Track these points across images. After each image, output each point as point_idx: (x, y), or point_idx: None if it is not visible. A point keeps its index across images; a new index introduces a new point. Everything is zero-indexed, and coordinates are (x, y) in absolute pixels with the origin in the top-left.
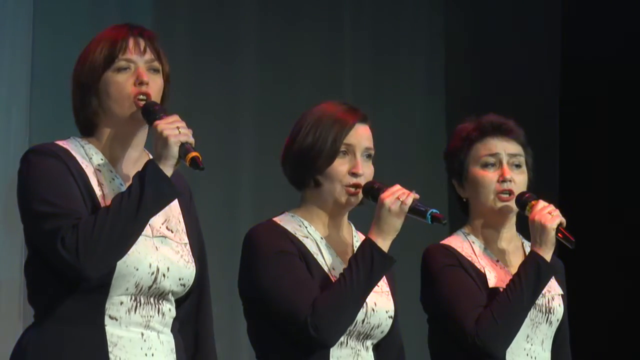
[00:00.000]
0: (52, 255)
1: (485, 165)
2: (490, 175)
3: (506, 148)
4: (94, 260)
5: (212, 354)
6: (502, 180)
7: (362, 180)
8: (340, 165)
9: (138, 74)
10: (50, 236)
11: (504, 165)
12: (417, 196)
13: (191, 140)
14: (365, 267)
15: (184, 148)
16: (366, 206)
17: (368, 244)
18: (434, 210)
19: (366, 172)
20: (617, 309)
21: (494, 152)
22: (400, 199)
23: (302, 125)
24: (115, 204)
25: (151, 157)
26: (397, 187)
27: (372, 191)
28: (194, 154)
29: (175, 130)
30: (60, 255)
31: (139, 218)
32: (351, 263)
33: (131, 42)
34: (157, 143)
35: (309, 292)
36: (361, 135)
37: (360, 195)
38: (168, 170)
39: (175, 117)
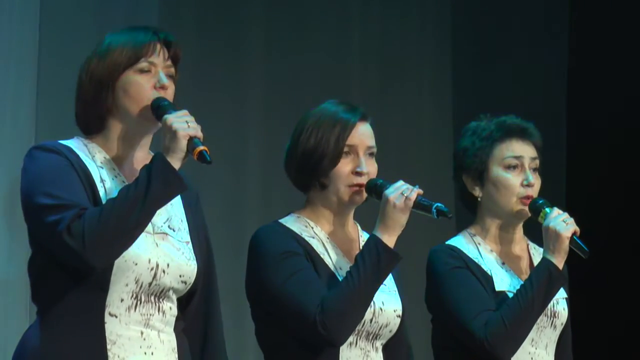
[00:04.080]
0: (57, 245)
1: (509, 167)
2: (513, 179)
3: (528, 152)
4: (100, 249)
5: (222, 355)
6: (527, 185)
7: (365, 180)
8: (344, 166)
9: (159, 77)
10: (54, 226)
11: (526, 169)
12: (421, 191)
13: (200, 134)
14: (372, 264)
15: (192, 142)
16: (371, 206)
17: (374, 241)
18: (439, 205)
19: (370, 170)
20: (624, 312)
21: (518, 154)
22: (405, 195)
23: (303, 128)
24: (121, 194)
25: None
26: (401, 182)
27: (376, 188)
28: (202, 148)
29: (184, 124)
30: (66, 244)
31: (146, 208)
32: (357, 260)
33: (158, 47)
34: (165, 136)
35: (317, 291)
36: (363, 134)
37: (365, 194)
38: (176, 164)
39: (185, 112)
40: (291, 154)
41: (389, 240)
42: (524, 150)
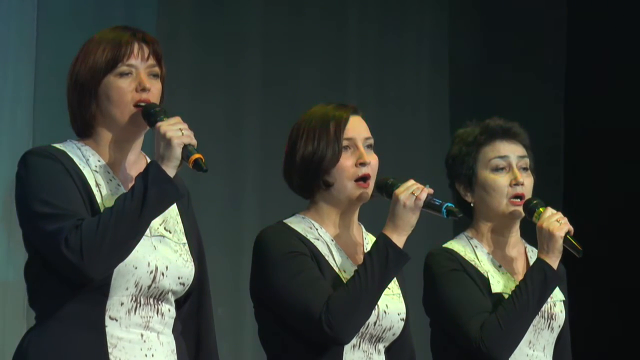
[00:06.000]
0: (55, 256)
1: (496, 169)
2: (501, 179)
3: (515, 151)
4: (98, 261)
5: (214, 355)
6: (515, 183)
7: (370, 170)
8: (346, 160)
9: (140, 80)
10: (52, 237)
11: (514, 168)
12: (432, 191)
13: (194, 142)
14: (380, 263)
15: (187, 150)
16: (375, 206)
17: (383, 240)
18: (449, 204)
19: (372, 161)
20: (623, 314)
21: (503, 155)
22: (415, 194)
23: (298, 134)
24: (118, 205)
25: (148, 159)
26: (411, 182)
27: (386, 187)
28: (197, 156)
29: (178, 132)
30: (64, 256)
31: (142, 219)
32: (365, 260)
33: (135, 48)
34: (159, 144)
35: (322, 290)
36: (358, 127)
37: (371, 190)
38: (171, 172)
39: (178, 119)
40: (290, 161)
41: (399, 240)
42: (509, 150)
